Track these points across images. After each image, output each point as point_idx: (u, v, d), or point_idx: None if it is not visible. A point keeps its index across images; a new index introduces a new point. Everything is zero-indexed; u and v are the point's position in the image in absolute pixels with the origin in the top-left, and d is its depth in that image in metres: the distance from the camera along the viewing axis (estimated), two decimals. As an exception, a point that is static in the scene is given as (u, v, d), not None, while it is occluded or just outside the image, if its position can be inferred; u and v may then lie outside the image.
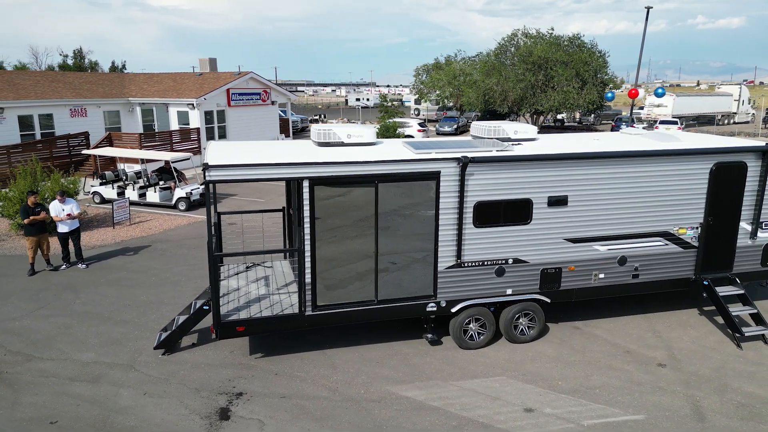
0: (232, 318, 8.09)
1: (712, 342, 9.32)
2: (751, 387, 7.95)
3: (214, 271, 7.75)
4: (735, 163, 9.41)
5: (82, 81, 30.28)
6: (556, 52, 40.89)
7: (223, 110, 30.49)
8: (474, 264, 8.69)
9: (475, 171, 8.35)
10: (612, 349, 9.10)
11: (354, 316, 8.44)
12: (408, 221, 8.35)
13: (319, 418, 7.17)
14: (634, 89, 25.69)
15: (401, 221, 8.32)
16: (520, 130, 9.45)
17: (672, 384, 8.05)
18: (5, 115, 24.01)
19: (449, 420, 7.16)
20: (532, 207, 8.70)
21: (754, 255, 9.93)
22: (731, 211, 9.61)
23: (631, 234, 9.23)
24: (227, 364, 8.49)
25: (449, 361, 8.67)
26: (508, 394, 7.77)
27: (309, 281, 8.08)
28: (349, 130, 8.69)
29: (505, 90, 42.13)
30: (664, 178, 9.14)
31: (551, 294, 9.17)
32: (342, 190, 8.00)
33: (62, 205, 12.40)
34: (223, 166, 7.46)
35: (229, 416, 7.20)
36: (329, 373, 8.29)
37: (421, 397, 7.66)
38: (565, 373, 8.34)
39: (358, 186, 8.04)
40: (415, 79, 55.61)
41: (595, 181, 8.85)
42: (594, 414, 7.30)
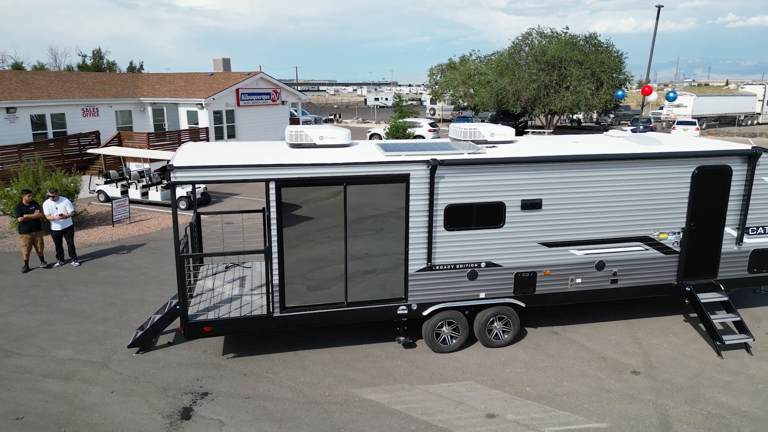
0: (200, 318, 8.16)
1: (692, 350, 9.12)
2: (725, 397, 7.75)
3: (181, 271, 7.82)
4: (719, 167, 9.18)
5: (95, 81, 30.83)
6: (570, 51, 40.41)
7: (233, 110, 30.78)
8: (445, 267, 8.63)
9: (445, 173, 8.29)
10: (587, 355, 8.96)
11: (323, 319, 8.45)
12: (378, 223, 8.33)
13: (278, 420, 7.19)
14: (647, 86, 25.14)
15: (371, 223, 8.30)
16: (496, 133, 9.35)
17: (643, 392, 7.89)
18: (18, 115, 24.56)
19: (409, 424, 7.13)
20: (505, 210, 8.60)
21: (740, 261, 9.68)
22: (715, 216, 9.39)
23: (609, 239, 9.08)
24: (198, 363, 8.57)
25: (419, 364, 8.62)
26: (473, 399, 7.70)
27: (277, 283, 8.10)
28: (321, 132, 8.70)
29: (518, 90, 41.77)
30: (643, 181, 8.96)
31: (526, 298, 9.06)
32: (310, 191, 8.01)
33: (55, 203, 12.64)
34: (189, 167, 7.52)
35: (191, 416, 7.26)
36: (297, 374, 8.31)
37: (385, 401, 7.64)
38: (534, 378, 8.24)
39: (326, 188, 8.04)
40: (429, 78, 55.47)
41: (570, 184, 8.72)
42: (556, 421, 7.20)
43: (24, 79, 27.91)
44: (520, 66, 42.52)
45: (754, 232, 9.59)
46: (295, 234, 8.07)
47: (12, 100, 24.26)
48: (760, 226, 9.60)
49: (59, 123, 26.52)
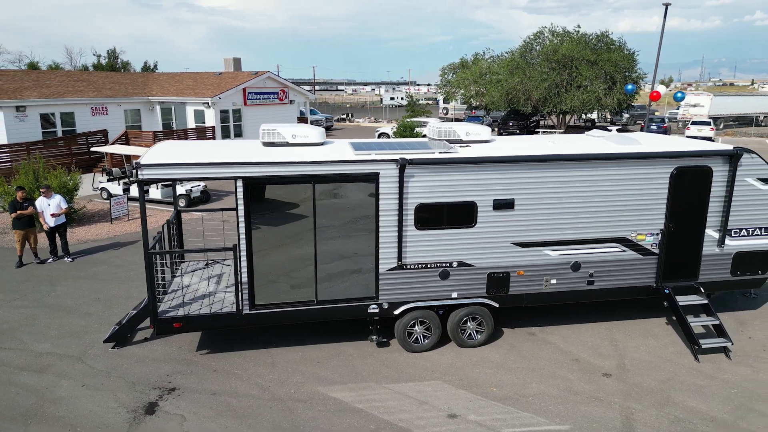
0: (170, 314, 8.26)
1: (669, 353, 8.98)
2: (695, 402, 7.63)
3: (150, 267, 7.92)
4: (699, 168, 9.03)
5: (105, 80, 31.32)
6: (582, 50, 39.97)
7: (239, 109, 31.04)
8: (416, 266, 8.61)
9: (415, 173, 8.27)
10: (561, 356, 8.87)
11: (293, 317, 8.49)
12: (348, 222, 8.34)
13: (240, 416, 7.25)
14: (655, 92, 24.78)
15: (341, 222, 8.32)
16: (472, 132, 9.31)
17: (611, 395, 7.80)
18: (27, 113, 25.05)
19: (368, 423, 7.13)
20: (477, 210, 8.56)
21: (722, 264, 9.50)
22: (695, 218, 9.23)
23: (584, 239, 8.98)
24: (170, 359, 8.67)
25: (390, 363, 8.62)
26: (438, 399, 7.68)
27: (246, 280, 8.17)
28: (294, 130, 8.74)
29: (529, 89, 41.44)
30: (620, 182, 8.85)
31: (499, 299, 9.00)
32: (279, 189, 8.06)
33: (47, 200, 12.88)
34: (155, 165, 7.62)
35: (155, 411, 7.36)
36: (266, 371, 8.36)
37: (349, 399, 7.66)
38: (503, 379, 8.19)
39: (294, 186, 8.08)
40: (441, 77, 55.28)
41: (543, 184, 8.64)
42: (517, 422, 7.15)
43: (35, 78, 28.46)
44: (531, 65, 42.19)
45: (737, 234, 9.41)
46: (264, 232, 8.12)
47: (22, 99, 24.76)
48: (744, 228, 9.41)
49: (68, 121, 27.00)
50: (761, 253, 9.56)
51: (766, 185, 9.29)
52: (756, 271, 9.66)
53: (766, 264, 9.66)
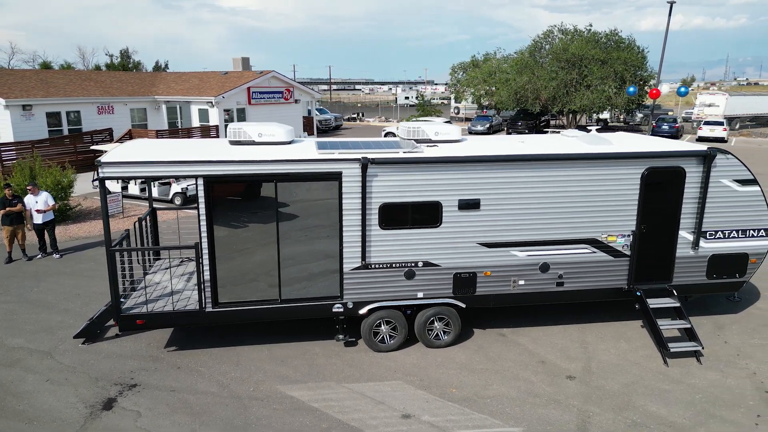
0: (133, 311, 8.34)
1: (639, 357, 8.84)
2: (656, 406, 7.50)
3: (112, 264, 8.02)
4: (670, 169, 8.87)
5: (112, 80, 31.75)
6: (592, 49, 39.54)
7: (244, 108, 31.25)
8: (381, 266, 8.59)
9: (378, 172, 8.25)
10: (527, 358, 8.79)
11: (257, 315, 8.53)
12: (312, 221, 8.36)
13: (195, 413, 7.30)
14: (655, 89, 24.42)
15: (305, 221, 8.33)
16: (441, 132, 9.26)
17: (571, 398, 7.70)
18: (34, 112, 25.50)
19: (321, 422, 7.14)
20: (442, 210, 8.51)
21: (697, 266, 9.33)
22: (668, 219, 9.08)
23: (553, 240, 8.88)
24: (137, 355, 8.77)
25: (354, 363, 8.62)
26: (395, 399, 7.65)
27: (208, 278, 8.22)
28: (260, 129, 8.78)
29: (537, 89, 41.11)
30: (589, 182, 8.73)
31: (466, 299, 8.94)
32: (242, 188, 8.10)
33: (35, 197, 13.09)
34: (116, 163, 7.70)
35: (112, 407, 7.44)
36: (229, 369, 8.41)
37: (306, 398, 7.67)
38: (465, 380, 8.13)
39: (257, 185, 8.11)
40: (451, 76, 55.07)
41: (509, 184, 8.56)
42: (470, 424, 7.10)
43: (44, 78, 28.95)
44: (540, 64, 41.84)
45: (713, 236, 9.23)
46: (226, 230, 8.17)
47: (28, 98, 25.21)
48: (720, 230, 9.23)
49: (75, 120, 27.42)
50: (738, 255, 9.37)
51: (742, 187, 9.10)
52: (733, 274, 9.47)
53: (744, 267, 9.46)
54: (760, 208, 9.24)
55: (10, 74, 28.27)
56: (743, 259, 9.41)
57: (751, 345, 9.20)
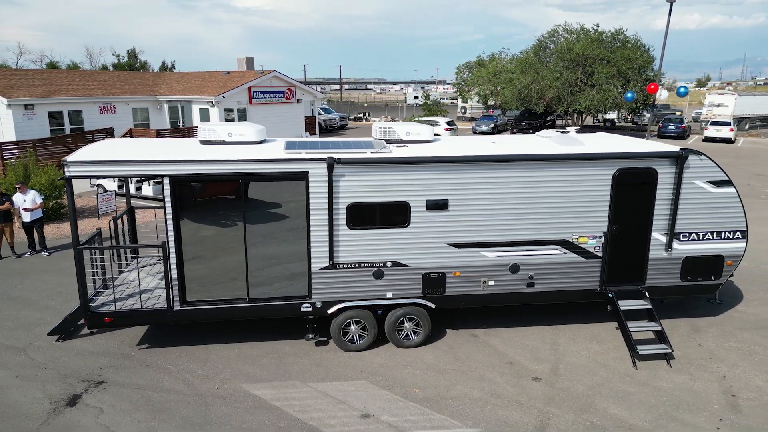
0: (102, 309, 8.44)
1: (609, 358, 8.79)
2: (618, 409, 7.45)
3: (80, 262, 8.11)
4: (642, 170, 8.80)
5: (115, 80, 32.05)
6: (596, 48, 39.27)
7: (245, 108, 31.39)
8: (349, 266, 8.61)
9: (345, 172, 8.27)
10: (496, 359, 8.76)
11: (225, 314, 8.58)
12: (280, 221, 8.40)
13: (156, 411, 7.37)
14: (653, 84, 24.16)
15: (272, 220, 8.37)
16: (412, 132, 9.25)
17: (534, 399, 7.67)
18: (36, 111, 25.82)
19: (279, 421, 7.17)
20: (410, 210, 8.51)
21: (671, 268, 9.24)
22: (640, 221, 9.01)
23: (523, 241, 8.84)
24: (109, 353, 8.86)
25: (321, 362, 8.64)
26: (357, 398, 7.67)
27: (176, 277, 8.29)
28: (230, 129, 8.84)
29: (542, 88, 40.90)
30: (559, 183, 8.69)
31: (436, 299, 8.94)
32: (210, 187, 8.16)
33: (23, 195, 13.27)
34: (82, 162, 7.79)
35: (76, 403, 7.53)
36: (197, 367, 8.47)
37: (268, 396, 7.71)
38: (430, 381, 8.13)
39: (223, 184, 8.17)
40: (456, 76, 54.95)
41: (478, 185, 8.54)
42: (428, 424, 7.10)
43: (47, 77, 29.29)
44: (544, 64, 41.62)
45: (686, 238, 9.14)
46: (194, 229, 8.23)
47: (30, 98, 25.51)
48: (694, 232, 9.14)
49: (76, 120, 27.71)
50: (713, 258, 9.27)
51: (717, 188, 9.00)
52: (708, 277, 9.37)
53: (719, 269, 9.36)
54: (736, 210, 9.14)
55: (14, 74, 28.65)
56: (719, 261, 9.31)
57: (726, 348, 9.10)
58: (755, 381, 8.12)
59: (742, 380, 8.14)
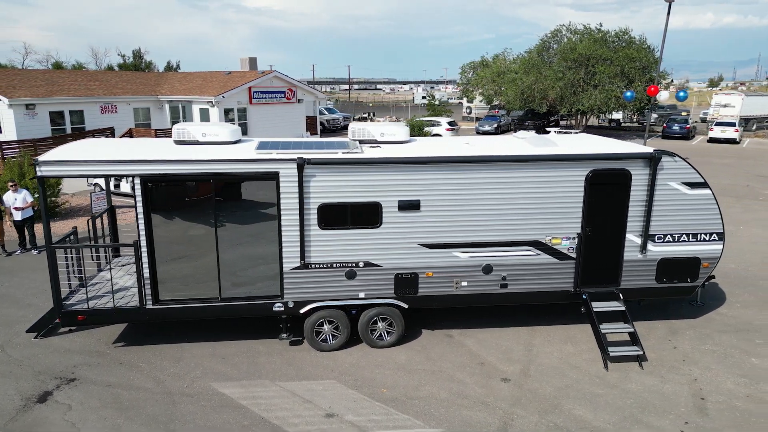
0: (75, 307, 8.54)
1: (581, 360, 8.76)
2: (583, 410, 7.43)
3: (53, 261, 8.22)
4: (616, 171, 8.77)
5: (117, 80, 32.33)
6: (600, 48, 39.06)
7: (245, 108, 31.55)
8: (321, 266, 8.65)
9: (316, 173, 8.31)
10: (468, 360, 8.77)
11: (197, 313, 8.65)
12: (252, 220, 8.45)
13: (123, 408, 7.45)
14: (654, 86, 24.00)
15: (245, 220, 8.43)
16: (386, 133, 9.28)
17: (500, 400, 7.67)
18: (37, 111, 26.12)
19: (244, 419, 7.23)
20: (382, 210, 8.54)
21: (646, 270, 9.20)
22: (614, 222, 8.97)
23: (496, 242, 8.84)
24: (84, 350, 8.96)
25: (293, 361, 8.69)
26: (324, 398, 7.71)
27: (147, 276, 8.37)
28: (204, 129, 8.91)
29: (544, 88, 40.74)
30: (531, 184, 8.68)
31: (408, 300, 8.96)
32: (179, 187, 8.23)
33: (15, 194, 13.44)
34: (54, 162, 7.90)
35: (47, 399, 7.63)
36: (170, 365, 8.55)
37: (236, 395, 7.77)
38: (399, 381, 8.15)
39: (194, 184, 8.24)
40: (460, 76, 54.84)
41: (449, 186, 8.55)
42: (391, 424, 7.12)
43: (49, 77, 29.61)
44: (547, 64, 41.45)
45: (661, 240, 9.09)
46: (166, 228, 8.31)
47: (32, 98, 25.81)
48: (669, 234, 9.09)
49: (78, 120, 28.00)
50: (689, 260, 9.21)
51: (692, 190, 8.95)
52: (684, 279, 9.32)
53: (695, 271, 9.30)
54: (711, 212, 9.07)
55: (17, 74, 28.99)
56: (695, 263, 9.25)
57: (701, 351, 9.04)
58: (726, 384, 8.07)
59: (713, 383, 8.09)
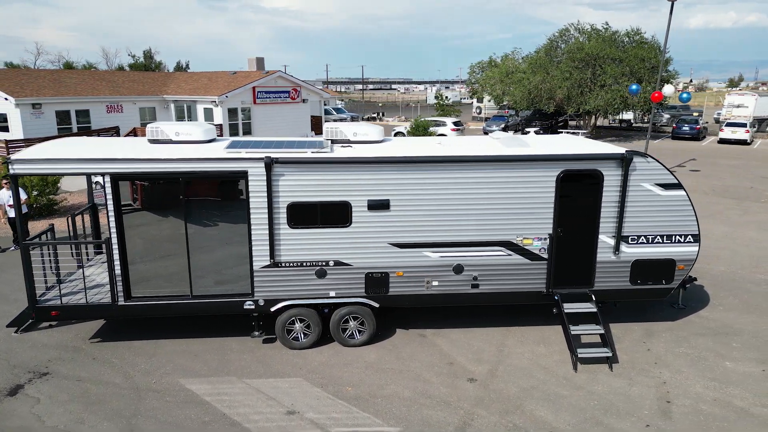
0: (49, 303, 8.70)
1: (551, 361, 8.72)
2: (545, 411, 7.40)
3: (26, 257, 8.38)
4: (587, 171, 8.72)
5: (124, 80, 32.74)
6: (608, 48, 38.71)
7: (248, 108, 31.78)
8: (291, 264, 8.72)
9: (285, 172, 8.38)
10: (438, 359, 8.77)
11: (169, 310, 8.76)
12: (223, 219, 8.55)
13: (90, 403, 7.58)
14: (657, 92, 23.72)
15: (216, 218, 8.53)
16: (359, 133, 9.31)
17: (463, 400, 7.67)
18: (43, 110, 26.56)
19: (205, 415, 7.31)
20: (351, 210, 8.58)
21: (620, 271, 9.13)
22: (586, 223, 8.92)
23: (466, 242, 8.83)
24: (60, 345, 9.12)
25: (263, 359, 8.77)
26: (288, 395, 7.77)
27: (119, 273, 8.50)
28: (177, 128, 9.02)
29: (551, 88, 40.48)
30: (501, 185, 8.66)
31: (379, 299, 8.98)
32: (150, 186, 8.35)
33: (9, 192, 13.69)
34: (27, 160, 8.05)
35: (17, 392, 7.79)
36: (142, 361, 8.67)
37: (202, 391, 7.86)
38: (365, 379, 8.18)
39: (164, 183, 8.35)
40: (469, 76, 54.69)
41: (419, 186, 8.57)
42: (350, 422, 7.16)
43: (57, 77, 30.08)
44: (554, 63, 41.17)
45: (635, 241, 9.02)
46: (136, 226, 8.43)
47: (38, 97, 26.25)
48: (642, 236, 9.01)
49: (84, 119, 28.42)
50: (664, 261, 9.13)
51: (666, 191, 8.86)
52: (659, 281, 9.23)
53: (671, 273, 9.21)
54: (686, 214, 8.98)
55: (25, 74, 29.50)
56: (670, 265, 9.16)
57: (675, 354, 8.96)
58: (695, 388, 7.98)
59: (681, 386, 8.01)
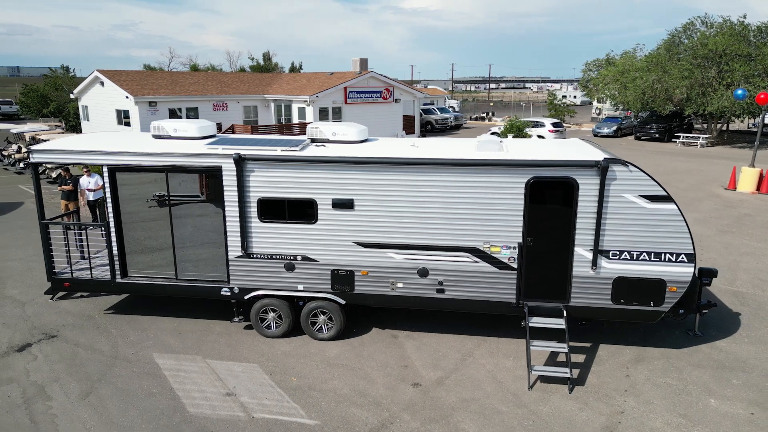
0: (62, 275, 9.99)
1: (510, 376, 8.34)
2: (470, 425, 7.16)
3: (45, 234, 9.71)
4: (559, 179, 8.20)
5: (232, 80, 35.56)
6: (736, 43, 34.73)
7: (339, 107, 33.02)
8: (262, 256, 9.20)
9: (255, 168, 8.87)
10: (395, 361, 8.77)
11: (158, 290, 9.66)
12: (200, 210, 9.27)
13: (73, 365, 8.65)
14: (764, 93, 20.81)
15: (194, 209, 9.27)
16: (338, 132, 9.53)
17: (394, 403, 7.65)
18: (158, 108, 29.79)
19: (154, 388, 8.03)
20: (317, 207, 8.86)
21: (599, 288, 8.46)
22: (560, 234, 8.38)
23: (431, 245, 8.72)
24: (79, 314, 10.43)
25: (235, 343, 9.35)
26: (235, 378, 8.26)
27: (116, 253, 9.54)
28: (176, 125, 9.87)
29: (668, 88, 37.17)
30: (468, 189, 8.44)
31: (345, 296, 9.17)
32: (141, 176, 9.29)
33: (89, 178, 15.76)
34: (43, 150, 9.33)
35: (24, 349, 9.10)
36: (134, 334, 9.66)
37: (165, 366, 8.61)
38: (313, 372, 8.44)
39: (152, 174, 9.23)
40: (583, 75, 51.81)
41: (383, 186, 8.62)
42: (276, 410, 7.47)
43: (174, 79, 33.49)
44: (674, 61, 37.72)
45: (617, 256, 8.30)
46: (131, 212, 9.42)
47: (153, 96, 29.50)
48: (626, 251, 8.27)
49: (193, 115, 31.40)
50: (651, 281, 8.30)
51: (652, 204, 8.06)
52: (647, 302, 8.40)
53: (660, 295, 8.34)
54: (678, 230, 8.09)
55: (147, 75, 33.19)
56: (659, 285, 8.31)
57: (654, 383, 8.13)
58: (654, 422, 7.22)
59: (638, 419, 7.29)
